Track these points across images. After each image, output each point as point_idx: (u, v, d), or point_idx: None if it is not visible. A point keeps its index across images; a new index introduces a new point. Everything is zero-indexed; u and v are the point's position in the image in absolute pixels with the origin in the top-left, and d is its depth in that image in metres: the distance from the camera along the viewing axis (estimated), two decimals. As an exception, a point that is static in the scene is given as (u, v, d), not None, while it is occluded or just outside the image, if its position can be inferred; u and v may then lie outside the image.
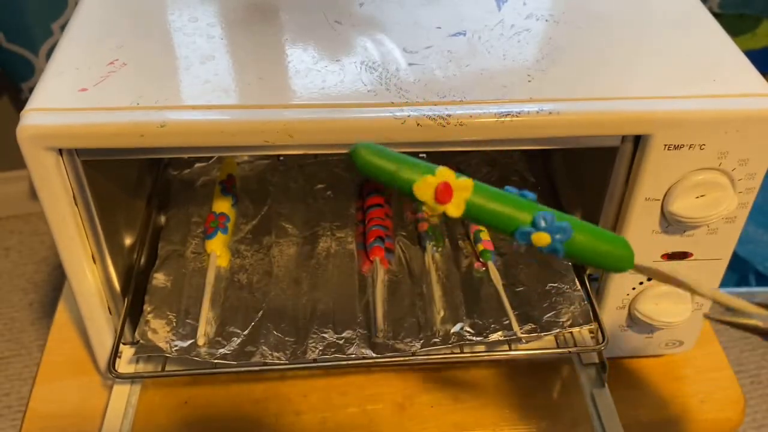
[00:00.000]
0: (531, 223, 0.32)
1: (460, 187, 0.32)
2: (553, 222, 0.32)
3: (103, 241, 0.50)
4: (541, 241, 0.33)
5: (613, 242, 0.35)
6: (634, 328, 0.57)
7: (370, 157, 0.32)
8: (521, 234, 0.33)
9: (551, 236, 0.33)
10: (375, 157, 0.32)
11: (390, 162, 0.32)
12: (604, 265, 0.35)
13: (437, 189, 0.32)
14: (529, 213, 0.33)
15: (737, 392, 0.59)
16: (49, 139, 0.44)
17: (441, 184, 0.32)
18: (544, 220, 0.32)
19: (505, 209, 0.33)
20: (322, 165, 0.69)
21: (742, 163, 0.47)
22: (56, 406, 0.56)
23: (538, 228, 0.32)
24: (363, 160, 0.32)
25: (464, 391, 0.57)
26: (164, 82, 0.46)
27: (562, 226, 0.32)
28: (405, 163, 0.32)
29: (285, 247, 0.61)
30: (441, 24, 0.52)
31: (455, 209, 0.32)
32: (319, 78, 0.47)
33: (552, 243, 0.33)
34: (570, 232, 0.33)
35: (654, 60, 0.49)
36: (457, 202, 0.32)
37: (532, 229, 0.32)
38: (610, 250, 0.34)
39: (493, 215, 0.32)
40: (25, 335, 1.39)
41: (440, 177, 0.32)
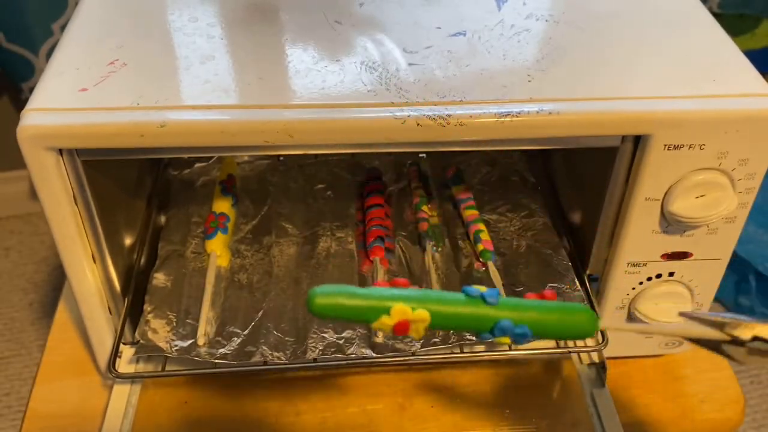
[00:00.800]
0: (490, 332, 0.35)
1: (418, 319, 0.33)
2: (512, 330, 0.34)
3: (103, 241, 0.50)
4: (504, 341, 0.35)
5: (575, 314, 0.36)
6: (634, 328, 0.57)
7: (325, 303, 0.33)
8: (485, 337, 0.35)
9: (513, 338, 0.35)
10: (330, 302, 0.33)
11: (345, 307, 0.33)
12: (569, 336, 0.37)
13: (394, 328, 0.33)
14: (488, 323, 0.34)
15: (737, 392, 0.59)
16: (49, 139, 0.44)
17: (397, 324, 0.33)
18: (501, 330, 0.34)
19: (464, 326, 0.35)
20: (322, 165, 0.69)
21: (741, 163, 0.47)
22: (56, 406, 0.56)
23: (496, 336, 0.35)
24: (317, 307, 0.33)
25: (464, 391, 0.57)
26: (164, 82, 0.46)
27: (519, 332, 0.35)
28: (360, 308, 0.33)
29: (285, 247, 0.61)
30: (441, 24, 0.52)
31: (415, 334, 0.34)
32: (319, 78, 0.47)
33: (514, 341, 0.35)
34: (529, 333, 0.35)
35: (654, 60, 0.49)
36: (416, 329, 0.34)
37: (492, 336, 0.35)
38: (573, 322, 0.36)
39: (456, 328, 0.37)
40: (25, 335, 1.39)
41: (395, 317, 0.33)
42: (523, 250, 0.61)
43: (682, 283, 0.54)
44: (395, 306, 0.33)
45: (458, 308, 0.34)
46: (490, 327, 0.34)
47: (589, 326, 0.36)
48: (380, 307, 0.33)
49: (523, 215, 0.64)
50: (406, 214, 0.65)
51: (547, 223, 0.63)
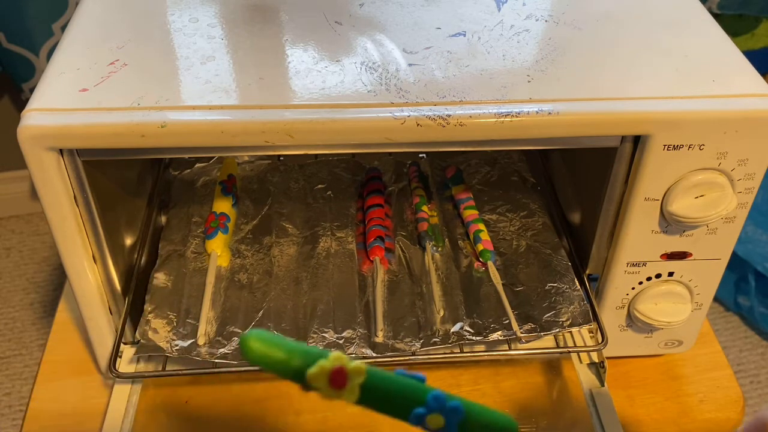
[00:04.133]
0: (424, 405, 0.32)
1: (355, 372, 0.32)
2: (445, 402, 0.33)
3: (103, 241, 0.50)
4: (436, 422, 0.33)
5: (499, 419, 0.35)
6: (634, 327, 0.57)
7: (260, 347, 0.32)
8: (416, 416, 0.32)
9: (444, 417, 0.33)
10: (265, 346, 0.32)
11: (281, 351, 0.32)
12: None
13: (331, 374, 0.31)
14: (422, 394, 0.33)
15: (736, 392, 0.59)
16: (50, 140, 0.44)
17: (335, 369, 0.31)
18: (436, 400, 0.32)
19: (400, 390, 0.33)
20: (322, 165, 0.69)
21: (741, 163, 0.47)
22: (57, 406, 0.56)
23: (431, 409, 0.32)
24: (252, 352, 0.32)
25: (464, 391, 0.57)
26: (165, 82, 0.46)
27: (453, 406, 0.33)
28: (297, 351, 0.32)
29: (285, 246, 0.62)
30: (441, 24, 0.52)
31: (350, 395, 0.32)
32: (319, 78, 0.47)
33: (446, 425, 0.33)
34: (462, 411, 0.33)
35: (653, 60, 0.49)
36: (352, 387, 0.32)
37: (426, 411, 0.32)
38: (497, 427, 0.34)
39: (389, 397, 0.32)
40: (26, 335, 1.39)
41: (334, 362, 0.32)
42: (522, 250, 0.61)
43: (682, 283, 0.54)
44: (334, 353, 0.32)
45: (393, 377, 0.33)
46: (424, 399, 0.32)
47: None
48: (317, 353, 0.32)
49: (523, 215, 0.64)
50: (406, 214, 0.65)
51: (546, 223, 0.63)
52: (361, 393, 0.32)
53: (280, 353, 0.32)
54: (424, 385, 0.33)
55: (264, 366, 0.32)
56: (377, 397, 0.32)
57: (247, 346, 0.32)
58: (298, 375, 0.32)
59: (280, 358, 0.32)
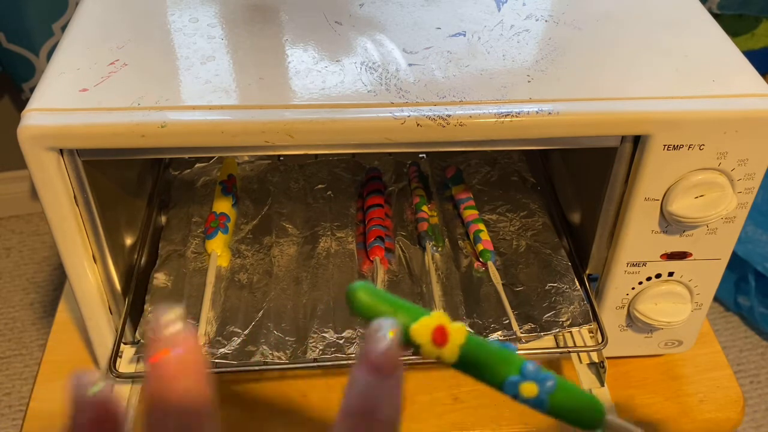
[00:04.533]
0: (519, 372, 0.32)
1: (456, 331, 0.32)
2: (540, 371, 0.33)
3: (103, 241, 0.50)
4: (529, 391, 0.33)
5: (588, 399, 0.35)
6: (634, 327, 0.57)
7: (367, 299, 0.32)
8: (510, 384, 0.32)
9: (539, 386, 0.33)
10: (372, 298, 0.32)
11: (386, 305, 0.32)
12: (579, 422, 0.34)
13: (434, 331, 0.32)
14: (517, 361, 0.33)
15: (736, 392, 0.59)
16: (50, 140, 0.44)
17: (438, 326, 0.32)
18: (531, 367, 0.32)
19: (496, 356, 0.33)
20: (322, 165, 0.69)
21: (741, 163, 0.47)
22: (57, 406, 0.56)
23: (526, 377, 0.32)
24: (360, 302, 0.32)
25: (464, 391, 0.57)
26: (165, 82, 0.46)
27: (547, 375, 0.33)
28: (401, 306, 0.32)
29: (285, 246, 0.62)
30: (441, 24, 0.52)
31: (450, 355, 0.32)
32: (319, 78, 0.47)
33: (539, 394, 0.33)
34: (554, 381, 0.33)
35: (653, 60, 0.49)
36: (452, 347, 0.32)
37: (521, 378, 0.32)
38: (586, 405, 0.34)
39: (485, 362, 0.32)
40: (26, 335, 1.39)
41: (436, 319, 0.32)
42: (522, 250, 0.61)
43: (682, 283, 0.54)
44: (436, 311, 0.32)
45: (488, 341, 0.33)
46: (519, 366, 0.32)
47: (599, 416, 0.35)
48: (420, 310, 0.32)
49: (523, 215, 0.64)
50: (406, 214, 0.65)
51: (546, 223, 0.63)
52: (461, 354, 0.32)
53: (385, 306, 0.32)
54: (517, 355, 0.33)
55: (368, 318, 0.32)
56: (474, 360, 0.32)
57: (355, 296, 0.32)
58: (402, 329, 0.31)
59: (386, 311, 0.32)
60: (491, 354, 0.32)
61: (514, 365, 0.32)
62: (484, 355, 0.32)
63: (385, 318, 0.31)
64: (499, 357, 0.32)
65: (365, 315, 0.32)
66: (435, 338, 0.31)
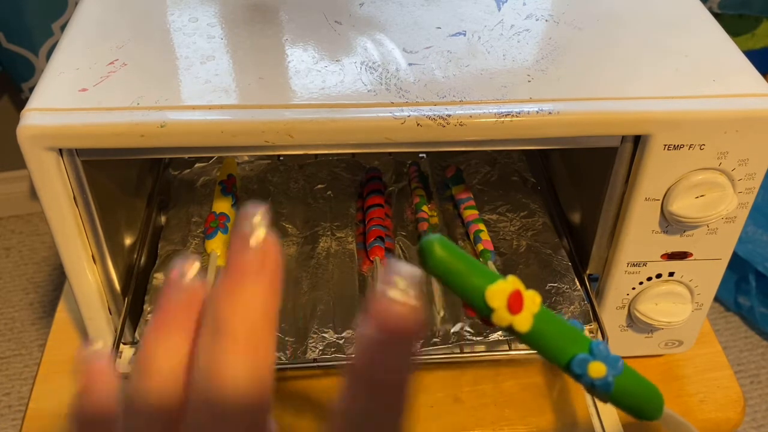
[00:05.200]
0: (589, 350, 0.31)
1: (531, 299, 0.30)
2: (609, 352, 0.31)
3: (103, 241, 0.50)
4: (597, 371, 0.31)
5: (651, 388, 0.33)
6: (634, 327, 0.57)
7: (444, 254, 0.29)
8: (579, 362, 0.31)
9: (608, 366, 0.31)
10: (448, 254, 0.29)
11: (463, 262, 0.29)
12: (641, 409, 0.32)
13: (510, 296, 0.29)
14: (586, 340, 0.31)
15: (737, 392, 0.59)
16: (50, 139, 0.44)
17: (514, 291, 0.29)
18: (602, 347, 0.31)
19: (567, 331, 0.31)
20: (322, 165, 0.69)
21: (741, 163, 0.47)
22: (57, 406, 0.56)
23: (596, 356, 0.31)
24: (437, 257, 0.29)
25: (464, 391, 0.57)
26: (164, 82, 0.46)
27: (617, 357, 0.31)
28: (477, 267, 0.30)
29: (285, 246, 0.61)
30: (441, 24, 0.52)
31: (524, 323, 0.30)
32: (319, 78, 0.47)
33: (606, 375, 0.31)
34: (621, 364, 0.31)
35: (654, 60, 0.49)
36: (526, 315, 0.30)
37: (591, 357, 0.31)
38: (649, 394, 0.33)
39: (556, 336, 0.30)
40: (26, 335, 1.39)
41: (512, 284, 0.30)
42: (523, 250, 0.61)
43: (682, 283, 0.54)
44: (511, 276, 0.30)
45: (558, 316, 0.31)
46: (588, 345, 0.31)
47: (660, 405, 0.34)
48: (495, 274, 0.30)
49: (523, 215, 0.64)
50: (406, 214, 0.65)
51: (547, 223, 0.63)
52: (534, 324, 0.30)
53: (462, 264, 0.29)
54: (585, 334, 0.32)
55: (442, 274, 0.29)
56: (546, 333, 0.30)
57: (431, 250, 0.29)
58: (476, 291, 0.29)
59: (462, 269, 0.29)
60: (563, 328, 0.31)
61: (583, 343, 0.31)
62: (556, 328, 0.30)
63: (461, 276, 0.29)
64: (569, 333, 0.31)
65: (439, 271, 0.29)
66: (510, 304, 0.29)
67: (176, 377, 0.25)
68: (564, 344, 0.31)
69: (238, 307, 0.24)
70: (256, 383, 0.24)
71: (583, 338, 0.31)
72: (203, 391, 0.24)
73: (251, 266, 0.24)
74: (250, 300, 0.24)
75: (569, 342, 0.31)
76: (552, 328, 0.31)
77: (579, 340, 0.31)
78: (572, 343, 0.31)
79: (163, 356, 0.25)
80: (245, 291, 0.24)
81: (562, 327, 0.31)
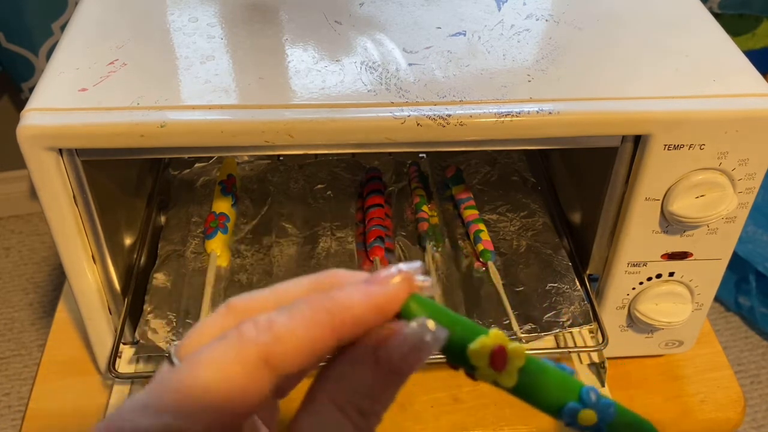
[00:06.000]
0: (578, 398, 0.30)
1: (515, 353, 0.29)
2: (600, 398, 0.30)
3: (103, 241, 0.50)
4: (588, 419, 0.30)
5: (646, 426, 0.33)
6: (634, 328, 0.57)
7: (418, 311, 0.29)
8: (569, 410, 0.30)
9: (598, 414, 0.30)
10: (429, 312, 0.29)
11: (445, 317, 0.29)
12: None
13: (493, 353, 0.29)
14: (576, 386, 0.30)
15: (737, 392, 0.59)
16: (49, 139, 0.44)
17: (496, 347, 0.29)
18: (592, 393, 0.30)
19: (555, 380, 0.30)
20: (322, 165, 0.69)
21: (741, 163, 0.47)
22: (56, 406, 0.56)
23: (586, 404, 0.30)
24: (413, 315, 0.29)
25: (464, 391, 0.57)
26: (164, 82, 0.46)
27: (607, 402, 0.30)
28: (456, 322, 0.29)
29: (285, 247, 0.61)
30: (441, 24, 0.52)
31: (509, 378, 0.29)
32: (319, 78, 0.47)
33: (598, 422, 0.30)
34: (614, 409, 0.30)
35: (654, 60, 0.49)
36: (511, 370, 0.29)
37: (581, 406, 0.30)
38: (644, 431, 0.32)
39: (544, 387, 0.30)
40: (26, 335, 1.39)
41: (495, 339, 0.29)
42: (523, 250, 0.61)
43: (683, 283, 0.54)
44: (494, 330, 0.29)
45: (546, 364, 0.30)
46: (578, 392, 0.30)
47: None
48: (477, 328, 0.29)
49: (523, 215, 0.64)
50: (406, 214, 0.65)
51: (547, 223, 0.63)
52: (519, 378, 0.30)
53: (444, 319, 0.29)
54: (574, 379, 0.31)
55: None
56: (533, 385, 0.30)
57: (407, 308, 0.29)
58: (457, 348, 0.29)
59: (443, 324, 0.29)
60: (550, 378, 0.30)
61: (573, 390, 0.30)
62: (543, 379, 0.30)
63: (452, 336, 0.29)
64: (557, 381, 0.30)
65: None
66: (493, 361, 0.29)
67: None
68: (553, 393, 0.30)
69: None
70: None
71: (572, 385, 0.31)
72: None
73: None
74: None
75: (558, 390, 0.30)
76: (539, 379, 0.30)
77: (569, 388, 0.30)
78: (562, 392, 0.30)
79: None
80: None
81: (550, 376, 0.30)
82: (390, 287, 0.26)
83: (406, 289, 0.27)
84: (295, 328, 0.25)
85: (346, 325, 0.25)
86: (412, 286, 0.27)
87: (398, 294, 0.26)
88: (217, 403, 0.24)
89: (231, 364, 0.24)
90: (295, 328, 0.25)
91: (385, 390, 0.26)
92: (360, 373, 0.26)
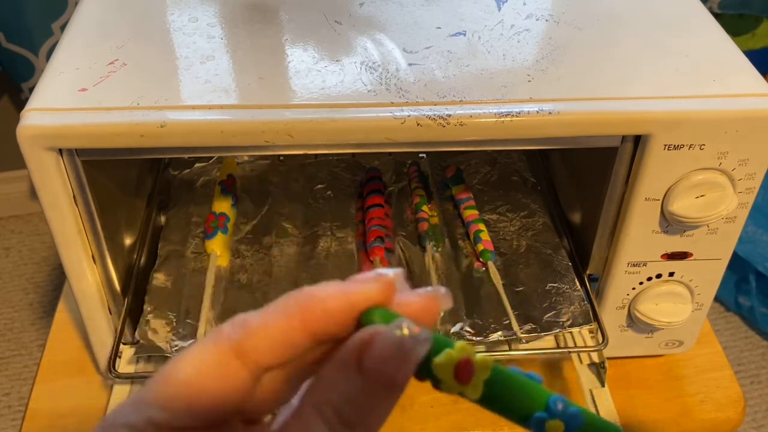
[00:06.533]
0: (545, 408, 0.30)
1: (481, 365, 0.30)
2: (567, 407, 0.30)
3: (103, 241, 0.50)
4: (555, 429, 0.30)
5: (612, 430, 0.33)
6: (634, 328, 0.57)
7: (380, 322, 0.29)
8: (536, 421, 0.30)
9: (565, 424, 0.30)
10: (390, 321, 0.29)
11: None
12: None
13: (457, 366, 0.29)
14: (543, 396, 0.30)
15: (737, 392, 0.59)
16: (49, 139, 0.44)
17: (462, 360, 0.29)
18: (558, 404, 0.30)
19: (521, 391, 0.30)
20: (322, 165, 0.69)
21: (741, 163, 0.47)
22: (56, 406, 0.56)
23: (553, 414, 0.30)
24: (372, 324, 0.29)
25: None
26: (164, 82, 0.46)
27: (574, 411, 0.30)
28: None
29: (285, 247, 0.61)
30: (441, 24, 0.52)
31: (474, 390, 0.30)
32: (319, 78, 0.47)
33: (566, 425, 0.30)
34: (581, 418, 0.30)
35: (654, 60, 0.49)
36: (476, 382, 0.30)
37: (548, 416, 0.30)
38: None
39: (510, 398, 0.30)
40: (26, 335, 1.39)
41: (461, 352, 0.29)
42: (523, 250, 0.61)
43: (683, 283, 0.54)
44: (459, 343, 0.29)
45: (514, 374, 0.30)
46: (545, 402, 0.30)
47: None
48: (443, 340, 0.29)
49: (523, 215, 0.64)
50: (406, 214, 0.65)
51: (547, 223, 0.63)
52: (485, 390, 0.30)
53: None
54: (543, 387, 0.31)
55: None
56: (499, 396, 0.30)
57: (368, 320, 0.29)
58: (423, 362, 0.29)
59: None
60: (516, 389, 0.30)
61: (539, 401, 0.30)
62: (509, 390, 0.30)
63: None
64: (524, 392, 0.30)
65: None
66: (458, 374, 0.29)
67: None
68: (519, 404, 0.30)
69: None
70: None
71: (540, 394, 0.31)
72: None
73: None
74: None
75: (525, 401, 0.30)
76: (505, 390, 0.30)
77: (536, 398, 0.30)
78: (529, 402, 0.30)
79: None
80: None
81: (517, 386, 0.30)
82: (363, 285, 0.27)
83: (380, 288, 0.27)
84: (266, 321, 0.26)
85: (316, 317, 0.26)
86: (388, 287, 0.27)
87: (371, 292, 0.27)
88: (195, 396, 0.25)
89: (207, 358, 0.26)
90: (267, 321, 0.26)
91: (370, 399, 0.26)
92: (342, 377, 0.26)
